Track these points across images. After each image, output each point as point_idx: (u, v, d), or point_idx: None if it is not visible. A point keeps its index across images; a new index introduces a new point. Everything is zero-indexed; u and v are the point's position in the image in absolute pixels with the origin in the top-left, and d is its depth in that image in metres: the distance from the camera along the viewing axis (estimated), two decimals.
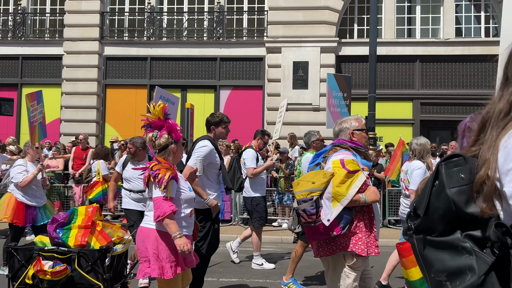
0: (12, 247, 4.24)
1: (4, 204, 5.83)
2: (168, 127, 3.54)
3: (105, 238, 4.30)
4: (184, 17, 14.39)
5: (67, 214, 4.37)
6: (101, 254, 4.10)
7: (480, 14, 13.90)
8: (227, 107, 14.07)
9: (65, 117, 14.16)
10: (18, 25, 14.69)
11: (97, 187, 8.18)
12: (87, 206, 4.56)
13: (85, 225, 4.28)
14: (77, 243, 4.17)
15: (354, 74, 14.06)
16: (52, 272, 3.92)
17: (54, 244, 4.18)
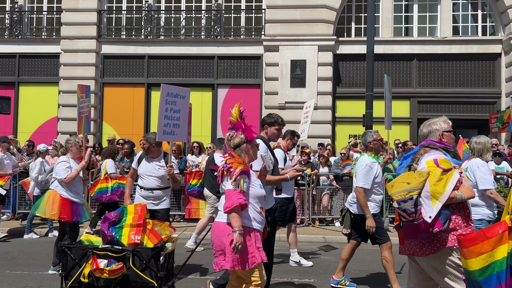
0: (65, 245, 4.24)
1: (49, 201, 5.72)
2: (242, 128, 3.73)
3: (156, 237, 4.31)
4: (181, 15, 14.38)
5: (117, 212, 4.37)
6: (155, 253, 4.11)
7: (477, 13, 13.94)
8: (224, 105, 14.08)
9: (62, 116, 14.13)
10: (15, 23, 14.64)
11: (97, 184, 8.19)
12: (135, 205, 4.57)
13: (137, 224, 4.30)
14: (130, 242, 4.17)
15: (352, 73, 14.10)
16: (110, 270, 3.94)
17: (108, 243, 4.18)
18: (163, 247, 4.18)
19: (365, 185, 5.06)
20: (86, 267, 4.03)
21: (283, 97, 13.50)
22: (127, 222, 4.32)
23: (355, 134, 13.44)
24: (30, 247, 7.53)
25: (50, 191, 5.82)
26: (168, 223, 4.75)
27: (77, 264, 4.15)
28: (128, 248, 4.11)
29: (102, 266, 3.94)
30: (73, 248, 4.23)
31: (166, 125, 5.49)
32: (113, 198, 8.10)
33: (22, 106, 14.57)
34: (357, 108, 12.96)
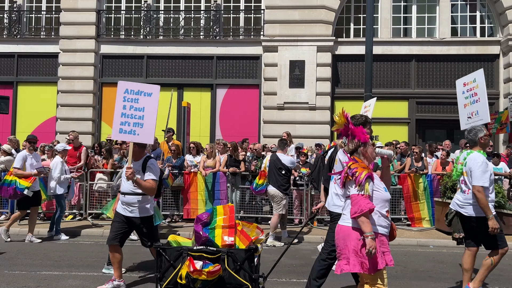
0: (160, 247, 4.22)
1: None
2: (352, 132, 3.69)
3: (246, 238, 4.29)
4: (180, 15, 14.38)
5: (208, 213, 4.35)
6: (249, 254, 4.09)
7: (476, 14, 13.98)
8: (223, 105, 14.09)
9: (61, 115, 14.12)
10: (14, 22, 14.63)
11: None
12: (224, 206, 4.54)
13: (229, 225, 4.28)
14: (224, 243, 4.16)
15: (350, 73, 14.12)
16: (208, 272, 3.92)
17: (202, 244, 4.15)
18: (257, 248, 4.15)
19: (485, 183, 4.68)
20: (183, 269, 4.01)
21: (282, 98, 13.51)
22: (219, 223, 4.29)
23: None
24: (28, 247, 7.53)
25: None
26: (256, 224, 4.71)
27: (171, 265, 4.13)
28: (223, 250, 4.09)
29: (198, 268, 3.94)
30: (167, 249, 4.21)
31: (123, 123, 5.22)
32: None
33: (21, 106, 14.56)
34: (356, 108, 12.93)
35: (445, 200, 8.84)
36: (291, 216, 9.92)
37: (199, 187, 9.75)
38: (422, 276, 6.04)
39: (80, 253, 7.17)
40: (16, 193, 7.69)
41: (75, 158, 10.26)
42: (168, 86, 14.31)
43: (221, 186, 9.65)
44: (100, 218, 10.15)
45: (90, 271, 6.01)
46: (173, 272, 4.08)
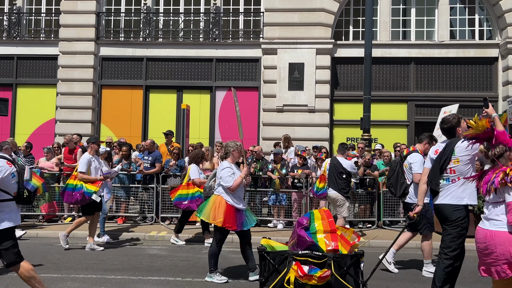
0: (265, 251, 4.21)
1: (213, 207, 5.59)
2: (497, 137, 3.72)
3: (347, 243, 4.27)
4: (180, 18, 14.40)
5: (307, 217, 4.34)
6: (355, 259, 4.08)
7: (474, 17, 14.02)
8: (222, 108, 14.10)
9: (60, 118, 14.11)
10: (13, 25, 14.64)
11: (178, 189, 7.99)
12: (319, 210, 4.54)
13: (331, 230, 4.28)
14: (329, 248, 4.14)
15: (350, 76, 14.14)
16: (319, 277, 3.91)
17: (306, 248, 4.13)
18: (363, 253, 4.14)
19: None
20: (290, 273, 3.98)
21: (281, 100, 13.53)
22: (320, 227, 4.28)
23: (352, 137, 13.47)
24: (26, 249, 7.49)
25: (216, 196, 5.69)
26: (353, 229, 4.68)
27: (276, 269, 4.10)
28: (329, 254, 4.07)
29: (306, 272, 3.92)
30: (271, 253, 4.19)
31: None
32: (191, 207, 7.79)
33: (20, 108, 14.55)
34: (355, 111, 13.00)
35: None
36: (290, 219, 9.92)
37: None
38: (421, 279, 6.04)
39: (79, 255, 7.16)
40: (85, 198, 7.36)
41: (71, 160, 10.27)
42: (167, 89, 14.37)
43: None
44: None
45: (88, 274, 5.99)
46: (278, 277, 4.05)
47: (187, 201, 7.81)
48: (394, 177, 6.17)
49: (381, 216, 9.96)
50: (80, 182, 7.38)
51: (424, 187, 4.96)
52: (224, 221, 5.47)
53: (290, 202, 9.88)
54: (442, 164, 4.67)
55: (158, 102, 14.28)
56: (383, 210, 9.95)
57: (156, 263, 6.72)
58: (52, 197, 10.21)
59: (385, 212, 9.98)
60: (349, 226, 9.95)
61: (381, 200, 9.90)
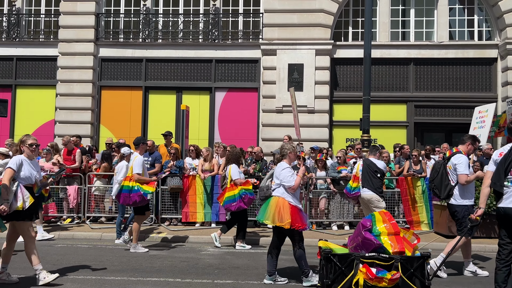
0: (330, 253, 4.23)
1: (277, 209, 5.49)
2: None
3: (410, 245, 4.31)
4: (179, 19, 14.41)
5: (370, 220, 4.37)
6: (421, 261, 4.11)
7: (473, 18, 14.03)
8: (222, 109, 14.10)
9: (59, 119, 14.11)
10: (13, 26, 14.64)
11: (224, 193, 7.92)
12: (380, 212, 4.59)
13: (395, 232, 4.31)
14: (395, 250, 4.16)
15: (349, 77, 14.15)
16: (390, 279, 3.94)
17: (373, 251, 4.16)
18: (429, 255, 4.20)
19: None
20: (359, 275, 3.99)
21: (281, 101, 13.53)
22: (383, 230, 4.30)
23: (352, 137, 13.47)
24: None
25: (276, 198, 5.59)
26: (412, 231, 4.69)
27: (342, 272, 4.11)
28: (396, 257, 4.09)
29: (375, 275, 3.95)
30: (337, 256, 4.20)
31: None
32: (242, 206, 7.75)
33: (19, 109, 14.54)
34: (354, 112, 13.00)
35: (443, 203, 8.84)
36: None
37: (198, 190, 9.75)
38: (473, 280, 6.02)
39: (78, 256, 7.15)
40: (144, 199, 7.37)
41: (70, 161, 10.27)
42: (167, 90, 14.37)
43: (220, 190, 9.64)
44: (99, 222, 10.14)
45: (88, 275, 5.99)
46: (345, 279, 4.07)
47: (236, 201, 7.77)
48: (438, 178, 6.13)
49: None
50: (136, 183, 7.34)
51: (487, 190, 4.90)
52: (293, 222, 5.42)
53: None
54: (507, 166, 4.64)
55: (157, 103, 14.28)
56: None
57: (155, 264, 6.72)
58: (51, 198, 10.19)
59: None
60: (348, 227, 9.95)
61: None
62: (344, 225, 10.01)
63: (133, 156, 7.59)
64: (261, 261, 7.02)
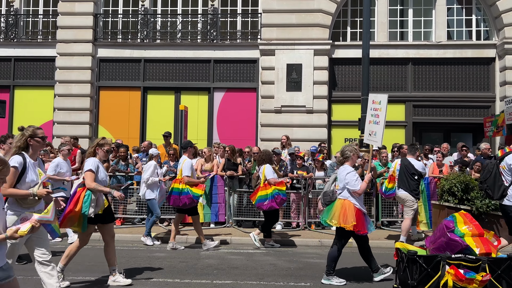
0: (416, 254, 4.27)
1: (342, 211, 5.54)
2: None
3: (493, 246, 4.35)
4: (178, 19, 14.40)
5: (452, 221, 4.40)
6: (508, 263, 4.13)
7: (471, 18, 14.06)
8: (220, 109, 14.10)
9: (58, 119, 14.09)
10: (11, 26, 14.62)
11: (257, 192, 7.97)
12: (460, 213, 4.61)
13: (479, 233, 4.35)
14: (482, 251, 4.20)
15: (347, 77, 14.16)
16: (481, 280, 3.96)
17: (459, 252, 4.20)
18: None
19: None
20: (447, 277, 4.01)
21: (279, 101, 13.54)
22: (467, 231, 4.32)
23: (350, 137, 13.48)
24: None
25: (342, 200, 5.65)
26: (492, 232, 4.76)
27: (428, 273, 4.15)
28: (483, 258, 4.12)
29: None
30: (423, 257, 4.24)
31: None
32: (274, 206, 7.81)
33: (17, 110, 14.52)
34: (353, 111, 13.02)
35: (442, 203, 8.84)
36: (288, 220, 9.92)
37: None
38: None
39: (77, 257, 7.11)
40: (193, 202, 7.58)
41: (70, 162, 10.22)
42: (165, 90, 14.36)
43: (219, 190, 9.63)
44: None
45: (87, 275, 5.98)
46: (431, 280, 4.10)
47: (268, 201, 7.82)
48: (491, 179, 6.10)
49: (379, 217, 9.96)
50: (186, 186, 7.48)
51: None
52: (356, 225, 5.47)
53: (289, 203, 9.87)
54: None
55: (156, 104, 14.27)
56: (381, 211, 9.95)
57: (154, 264, 6.71)
58: None
59: (383, 212, 9.99)
60: None
61: (379, 201, 9.91)
62: None
63: (182, 160, 7.72)
64: (260, 261, 7.03)
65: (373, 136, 6.48)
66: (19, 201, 4.35)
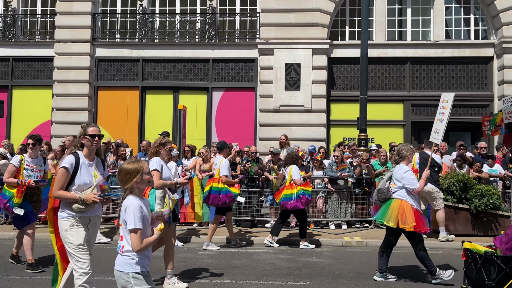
0: (494, 255, 4.33)
1: (399, 212, 5.53)
2: None
3: None
4: (176, 18, 14.39)
5: None
6: None
7: (470, 17, 14.08)
8: (219, 108, 14.09)
9: (56, 119, 14.07)
10: (9, 26, 14.58)
11: (282, 191, 8.04)
12: None
13: None
14: None
15: (346, 76, 14.17)
16: None
17: None
18: None
19: None
20: None
21: (278, 100, 13.54)
22: None
23: (349, 137, 13.49)
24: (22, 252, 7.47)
25: (398, 201, 5.64)
26: None
27: (507, 273, 4.20)
28: None
29: None
30: (501, 258, 4.30)
31: None
32: (298, 206, 7.90)
33: (16, 110, 14.49)
34: (352, 111, 13.03)
35: None
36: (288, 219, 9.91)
37: (196, 191, 9.72)
38: (419, 277, 6.06)
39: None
40: (233, 200, 7.79)
41: None
42: (164, 90, 14.35)
43: None
44: None
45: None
46: (510, 280, 4.15)
47: (293, 200, 7.90)
48: None
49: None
50: (224, 185, 7.63)
51: None
52: (416, 225, 5.48)
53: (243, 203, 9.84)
54: None
55: (154, 103, 14.26)
56: None
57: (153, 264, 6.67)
58: None
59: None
60: (346, 226, 9.96)
61: None
62: (342, 224, 10.02)
63: (218, 160, 7.82)
64: (258, 260, 7.03)
65: (436, 134, 6.65)
66: (70, 204, 4.04)
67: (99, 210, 4.25)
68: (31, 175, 6.32)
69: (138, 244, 3.03)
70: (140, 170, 3.19)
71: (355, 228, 9.80)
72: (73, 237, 3.99)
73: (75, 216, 4.02)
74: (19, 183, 6.19)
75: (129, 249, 3.08)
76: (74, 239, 3.98)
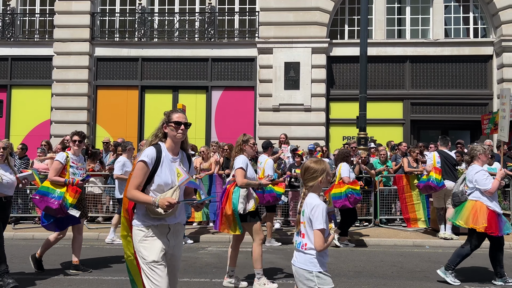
0: None
1: (472, 212, 5.52)
2: None
3: None
4: (175, 17, 14.37)
5: None
6: None
7: (469, 15, 14.08)
8: (218, 107, 14.09)
9: (55, 119, 14.05)
10: (7, 25, 14.56)
11: (331, 189, 7.97)
12: None
13: None
14: None
15: (345, 75, 14.17)
16: None
17: None
18: None
19: None
20: None
21: (277, 99, 13.53)
22: None
23: (349, 135, 13.50)
24: (22, 251, 7.47)
25: (473, 202, 5.61)
26: None
27: None
28: None
29: None
30: None
31: None
32: (347, 205, 7.77)
33: (15, 109, 14.47)
34: (351, 110, 13.04)
35: None
36: (287, 218, 9.93)
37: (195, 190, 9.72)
38: (418, 276, 6.07)
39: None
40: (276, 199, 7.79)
41: None
42: (163, 89, 14.34)
43: (217, 188, 9.63)
44: (96, 222, 10.11)
45: (85, 275, 5.97)
46: None
47: (342, 199, 7.79)
48: None
49: (378, 215, 9.98)
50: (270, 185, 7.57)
51: None
52: (488, 226, 5.42)
53: (287, 201, 9.87)
54: None
55: (153, 102, 14.25)
56: (380, 209, 9.97)
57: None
58: None
59: (381, 210, 10.01)
60: None
61: (378, 198, 9.93)
62: None
63: (263, 159, 7.76)
64: None
65: (502, 132, 6.47)
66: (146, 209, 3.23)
67: (180, 217, 3.37)
68: (76, 173, 5.91)
69: (322, 244, 3.12)
70: (326, 170, 3.25)
71: (355, 227, 9.80)
72: (146, 251, 3.18)
73: (150, 225, 3.21)
74: (67, 183, 5.76)
75: (312, 248, 3.15)
76: (148, 254, 3.17)
